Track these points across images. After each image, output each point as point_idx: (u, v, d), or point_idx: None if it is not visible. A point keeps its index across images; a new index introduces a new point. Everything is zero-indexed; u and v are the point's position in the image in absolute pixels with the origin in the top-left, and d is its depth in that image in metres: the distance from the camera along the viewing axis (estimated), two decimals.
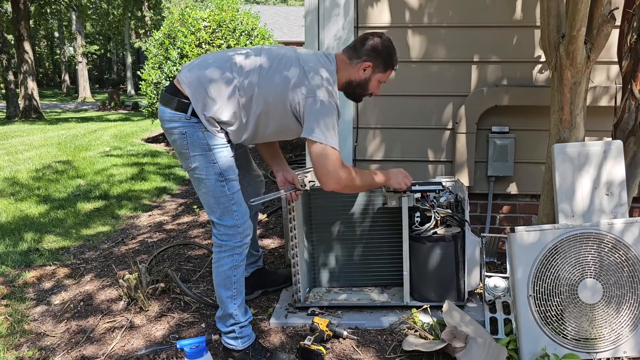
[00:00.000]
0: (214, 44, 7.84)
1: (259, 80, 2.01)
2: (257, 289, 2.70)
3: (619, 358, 2.09)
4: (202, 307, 2.63)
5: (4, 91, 19.68)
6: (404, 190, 2.33)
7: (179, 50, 7.90)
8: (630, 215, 2.64)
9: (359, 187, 2.17)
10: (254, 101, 2.02)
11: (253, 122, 2.06)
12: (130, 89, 30.76)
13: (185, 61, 7.74)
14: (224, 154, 2.05)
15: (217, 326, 2.14)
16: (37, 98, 16.57)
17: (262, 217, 4.02)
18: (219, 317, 2.14)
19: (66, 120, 15.53)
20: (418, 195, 2.50)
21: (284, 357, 2.14)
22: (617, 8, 2.33)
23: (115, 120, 15.29)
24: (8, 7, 17.41)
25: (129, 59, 31.85)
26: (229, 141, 2.08)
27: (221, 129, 2.04)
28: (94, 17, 30.53)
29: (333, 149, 1.97)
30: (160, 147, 8.98)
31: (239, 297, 2.12)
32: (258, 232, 3.73)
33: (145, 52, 9.19)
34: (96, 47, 37.12)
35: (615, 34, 2.53)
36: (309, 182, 2.62)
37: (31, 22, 19.91)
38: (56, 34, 37.23)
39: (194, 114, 1.99)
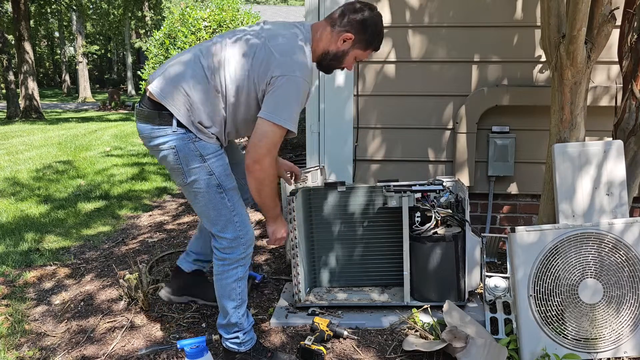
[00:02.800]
0: None
1: (229, 70, 1.87)
2: (186, 295, 2.35)
3: (620, 358, 2.09)
4: (202, 307, 2.63)
5: (4, 91, 19.69)
6: (271, 244, 2.11)
7: (180, 50, 7.91)
8: (631, 215, 2.64)
9: (265, 187, 1.90)
10: (227, 92, 1.88)
11: (232, 115, 1.93)
12: (130, 89, 30.75)
13: None
14: (220, 163, 1.93)
15: (220, 332, 2.10)
16: (38, 98, 16.58)
17: (262, 217, 4.02)
18: (223, 325, 2.07)
19: (66, 120, 15.54)
20: (418, 195, 2.50)
21: (284, 357, 2.13)
22: (617, 8, 2.33)
23: (115, 120, 15.30)
24: (8, 7, 17.42)
25: (130, 59, 31.85)
26: (221, 145, 1.98)
27: (212, 133, 1.92)
28: (94, 17, 30.54)
29: (283, 130, 1.82)
30: None
31: (243, 305, 2.06)
32: (258, 232, 3.73)
33: (145, 52, 9.19)
34: (96, 47, 37.13)
35: (615, 33, 2.53)
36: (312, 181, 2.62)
37: (31, 22, 19.93)
38: (56, 34, 37.26)
39: (179, 124, 1.85)
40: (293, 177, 2.49)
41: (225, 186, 1.94)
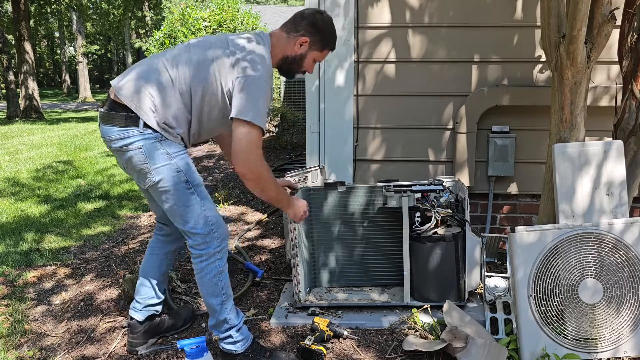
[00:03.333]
0: None
1: (193, 72, 1.93)
2: (151, 337, 2.29)
3: (620, 358, 2.09)
4: (202, 307, 2.63)
5: (4, 91, 19.69)
6: (298, 222, 2.25)
7: None
8: (631, 215, 2.64)
9: (265, 184, 1.95)
10: (193, 94, 1.93)
11: (197, 116, 1.98)
12: None
13: None
14: (186, 160, 1.97)
15: (214, 334, 2.09)
16: (38, 98, 16.59)
17: (262, 217, 4.02)
18: (213, 325, 2.08)
19: (67, 120, 15.54)
20: (418, 195, 2.50)
21: (283, 356, 2.13)
22: (617, 8, 2.33)
23: None
24: (8, 7, 17.42)
25: (130, 59, 31.85)
26: (185, 146, 2.02)
27: (177, 134, 1.96)
28: (94, 17, 30.54)
29: (257, 128, 1.86)
30: None
31: (229, 300, 2.07)
32: (258, 232, 3.73)
33: (145, 52, 9.19)
34: (96, 47, 37.15)
35: (615, 33, 2.53)
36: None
37: (31, 22, 19.92)
38: (56, 34, 37.26)
39: (146, 125, 1.89)
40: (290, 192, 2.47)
41: (192, 182, 1.98)
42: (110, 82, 2.04)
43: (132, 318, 2.25)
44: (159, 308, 2.32)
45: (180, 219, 2.00)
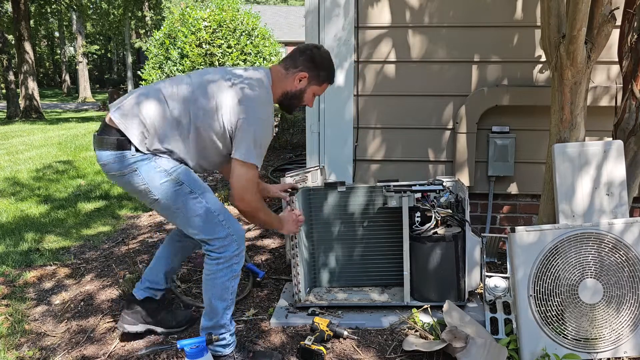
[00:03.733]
0: (214, 44, 7.85)
1: (193, 108, 1.95)
2: (142, 324, 2.30)
3: (620, 358, 2.09)
4: (202, 307, 2.63)
5: (4, 91, 19.70)
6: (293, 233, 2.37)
7: (180, 50, 7.92)
8: (631, 215, 2.64)
9: (258, 214, 2.05)
10: (191, 128, 1.96)
11: (192, 149, 2.00)
12: (130, 89, 30.72)
13: (185, 61, 7.75)
14: (185, 171, 1.98)
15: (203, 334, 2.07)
16: (38, 98, 16.59)
17: None
18: (209, 327, 2.06)
19: (67, 120, 15.54)
20: (418, 195, 2.50)
21: (267, 353, 2.15)
22: (617, 8, 2.33)
23: None
24: (8, 7, 17.42)
25: (130, 59, 31.84)
26: (181, 160, 2.02)
27: (170, 153, 1.98)
28: (94, 17, 30.52)
29: (255, 167, 1.95)
30: None
31: (232, 307, 2.08)
32: (258, 232, 3.73)
33: (145, 52, 9.20)
34: (96, 47, 37.13)
35: (615, 33, 2.53)
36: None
37: (31, 22, 19.91)
38: (56, 34, 37.26)
39: (137, 150, 1.91)
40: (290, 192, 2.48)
41: (197, 190, 1.98)
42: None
43: (132, 295, 2.31)
44: (159, 294, 2.34)
45: (196, 229, 1.99)
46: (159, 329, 2.34)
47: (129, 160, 1.91)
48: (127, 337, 2.34)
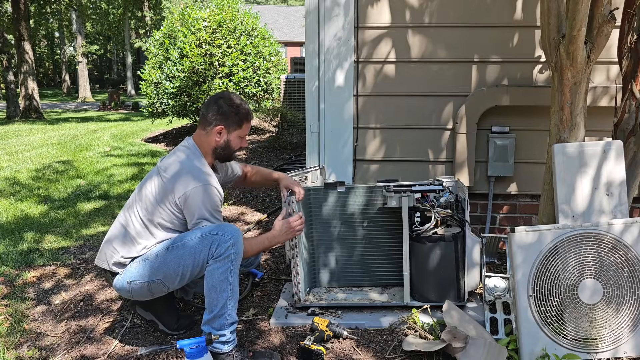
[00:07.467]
0: (214, 44, 7.84)
1: (140, 209, 2.16)
2: (151, 312, 2.40)
3: (619, 358, 2.09)
4: (202, 307, 2.63)
5: (4, 91, 19.70)
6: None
7: (179, 50, 7.91)
8: (630, 216, 2.64)
9: (254, 252, 2.26)
10: (148, 227, 2.15)
11: (161, 237, 2.17)
12: (130, 89, 30.76)
13: (185, 61, 7.75)
14: (165, 235, 2.17)
15: (205, 331, 2.08)
16: (37, 98, 16.59)
17: (262, 217, 4.02)
18: (209, 319, 2.06)
19: (66, 120, 15.54)
20: (418, 195, 2.50)
21: (267, 353, 2.15)
22: (617, 8, 2.33)
23: (115, 120, 15.29)
24: (8, 7, 17.41)
25: (129, 59, 31.86)
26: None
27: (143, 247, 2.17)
28: (94, 17, 30.54)
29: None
30: (160, 147, 8.98)
31: (234, 297, 2.08)
32: (258, 232, 3.73)
33: (145, 52, 9.19)
34: (96, 47, 37.17)
35: (615, 34, 2.53)
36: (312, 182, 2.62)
37: (31, 22, 19.94)
38: (56, 34, 37.26)
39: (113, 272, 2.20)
40: (289, 192, 2.48)
41: (169, 245, 2.11)
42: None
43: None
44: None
45: (195, 266, 2.08)
46: (160, 326, 2.39)
47: (121, 282, 2.22)
48: (127, 337, 2.34)
